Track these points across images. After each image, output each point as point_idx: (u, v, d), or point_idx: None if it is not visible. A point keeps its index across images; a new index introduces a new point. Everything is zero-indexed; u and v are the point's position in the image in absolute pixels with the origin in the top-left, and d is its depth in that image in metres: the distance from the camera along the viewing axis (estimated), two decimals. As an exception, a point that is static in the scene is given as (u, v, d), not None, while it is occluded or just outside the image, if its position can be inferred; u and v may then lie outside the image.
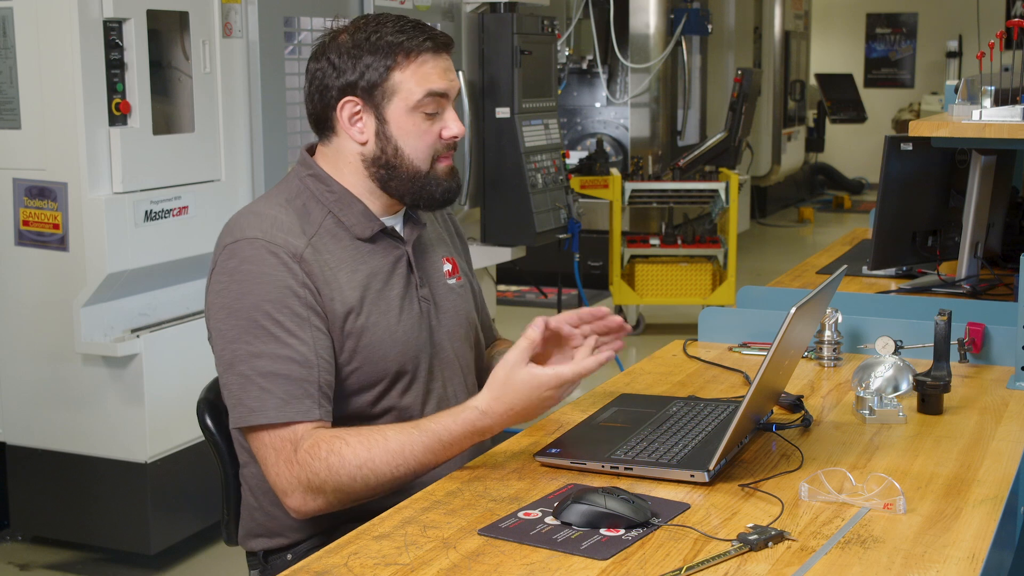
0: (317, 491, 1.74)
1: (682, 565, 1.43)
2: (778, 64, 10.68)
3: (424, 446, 1.74)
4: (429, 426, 1.75)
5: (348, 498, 1.75)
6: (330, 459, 1.72)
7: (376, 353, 1.86)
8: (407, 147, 1.88)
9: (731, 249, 6.40)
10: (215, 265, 1.83)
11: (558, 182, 4.90)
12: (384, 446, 1.73)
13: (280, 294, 1.77)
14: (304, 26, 4.02)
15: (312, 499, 1.75)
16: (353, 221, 1.90)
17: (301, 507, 1.76)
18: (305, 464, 1.73)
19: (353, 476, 1.72)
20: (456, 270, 2.05)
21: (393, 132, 1.87)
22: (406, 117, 1.86)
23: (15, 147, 3.38)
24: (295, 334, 1.76)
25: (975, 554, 1.46)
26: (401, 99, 1.86)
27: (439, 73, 1.87)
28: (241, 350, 1.76)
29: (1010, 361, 2.29)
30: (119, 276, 3.34)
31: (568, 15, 7.34)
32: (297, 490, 1.74)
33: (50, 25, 3.26)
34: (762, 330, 2.50)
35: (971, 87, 2.78)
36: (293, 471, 1.73)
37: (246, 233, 1.81)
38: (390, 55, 1.84)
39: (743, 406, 1.68)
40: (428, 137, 1.88)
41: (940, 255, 2.95)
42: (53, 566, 3.58)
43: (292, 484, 1.74)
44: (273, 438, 1.75)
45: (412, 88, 1.85)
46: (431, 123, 1.88)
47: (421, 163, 1.88)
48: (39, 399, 3.51)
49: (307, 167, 1.93)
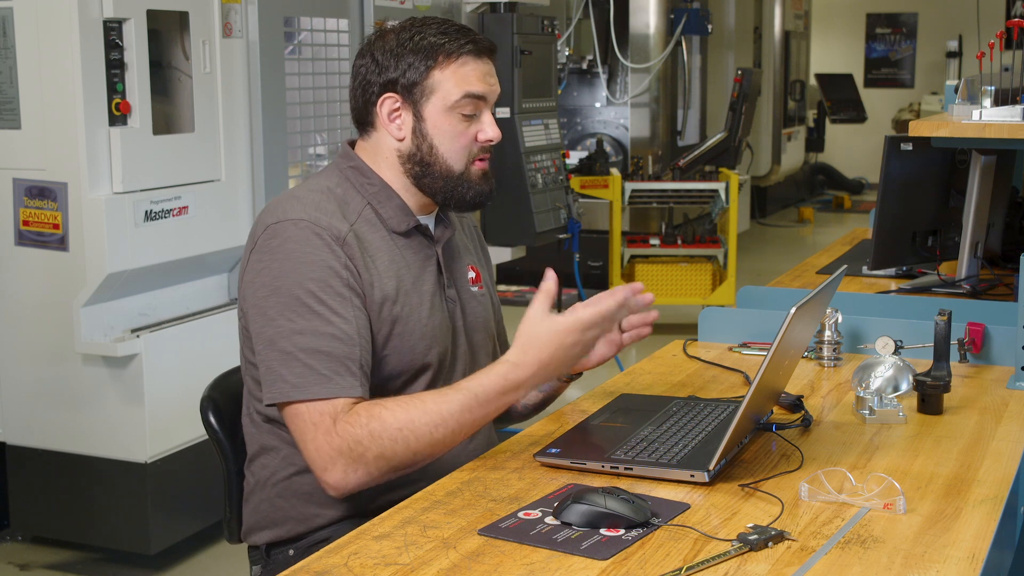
0: (359, 460, 1.73)
1: (682, 565, 1.43)
2: (778, 64, 10.68)
3: (461, 404, 1.75)
4: (464, 384, 1.78)
5: (389, 466, 1.75)
6: (371, 424, 1.73)
7: (407, 343, 1.89)
8: (442, 146, 1.91)
9: (731, 249, 6.40)
10: (255, 244, 1.84)
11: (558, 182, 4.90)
12: (422, 407, 1.75)
13: (323, 273, 1.79)
14: (304, 26, 4.02)
15: (353, 470, 1.74)
16: (390, 214, 1.93)
17: (342, 480, 1.75)
18: (345, 434, 1.73)
19: (395, 439, 1.73)
20: (479, 279, 2.08)
21: (429, 130, 1.90)
22: (443, 116, 1.90)
23: (15, 147, 3.38)
24: (337, 312, 1.78)
25: (975, 554, 1.46)
26: (439, 98, 1.89)
27: (478, 76, 1.90)
28: (284, 327, 1.77)
29: (1010, 361, 2.29)
30: (119, 276, 3.34)
31: (568, 15, 7.34)
32: (338, 462, 1.73)
33: (50, 25, 3.26)
34: (762, 330, 2.50)
35: (971, 87, 2.78)
36: (334, 443, 1.73)
37: (289, 215, 1.83)
38: (431, 55, 1.88)
39: (743, 406, 1.68)
40: (463, 138, 1.91)
41: (940, 255, 2.95)
42: (53, 566, 3.58)
43: (332, 456, 1.73)
44: (312, 412, 1.75)
45: (450, 88, 1.88)
46: (468, 125, 1.91)
47: (455, 163, 1.91)
48: (39, 399, 3.51)
49: (348, 159, 1.96)
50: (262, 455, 1.93)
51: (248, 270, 1.85)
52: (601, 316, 1.78)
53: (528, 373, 1.77)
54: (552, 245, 5.06)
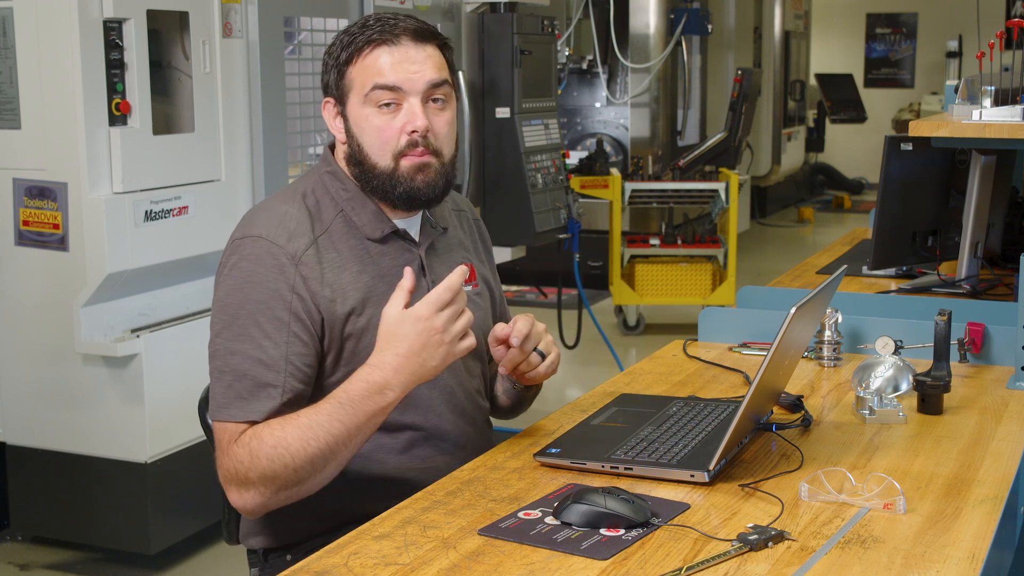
0: (245, 481, 1.70)
1: (682, 565, 1.43)
2: (778, 64, 10.68)
3: (328, 413, 1.69)
4: (332, 393, 1.72)
5: (275, 487, 1.70)
6: (251, 444, 1.70)
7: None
8: (365, 143, 1.86)
9: (731, 249, 6.40)
10: (223, 259, 1.85)
11: (558, 182, 4.90)
12: (295, 422, 1.70)
13: (267, 296, 1.77)
14: (304, 26, 4.02)
15: (245, 491, 1.71)
16: (364, 221, 1.89)
17: (239, 502, 1.73)
18: (233, 455, 1.71)
19: (271, 456, 1.68)
20: (473, 277, 2.03)
21: (353, 128, 1.87)
22: (360, 111, 1.85)
23: (15, 147, 3.38)
24: (270, 336, 1.76)
25: (975, 554, 1.46)
26: (355, 94, 1.85)
27: (391, 65, 1.82)
28: (221, 346, 1.78)
29: (1010, 361, 2.29)
30: (119, 276, 3.34)
31: (568, 15, 7.34)
32: (231, 484, 1.72)
33: (50, 25, 3.26)
34: (762, 330, 2.50)
35: (971, 87, 2.78)
36: (225, 464, 1.73)
37: (252, 231, 1.82)
38: (347, 51, 1.85)
39: (743, 406, 1.68)
40: (386, 132, 1.84)
41: (940, 255, 2.95)
42: (53, 566, 3.58)
43: (227, 478, 1.73)
44: (221, 432, 1.74)
45: (363, 82, 1.84)
46: (390, 117, 1.84)
47: (379, 159, 1.85)
48: (39, 399, 3.51)
49: (327, 164, 1.93)
50: None
51: (215, 279, 1.85)
52: (451, 291, 1.69)
53: (389, 371, 1.70)
54: (552, 245, 5.06)
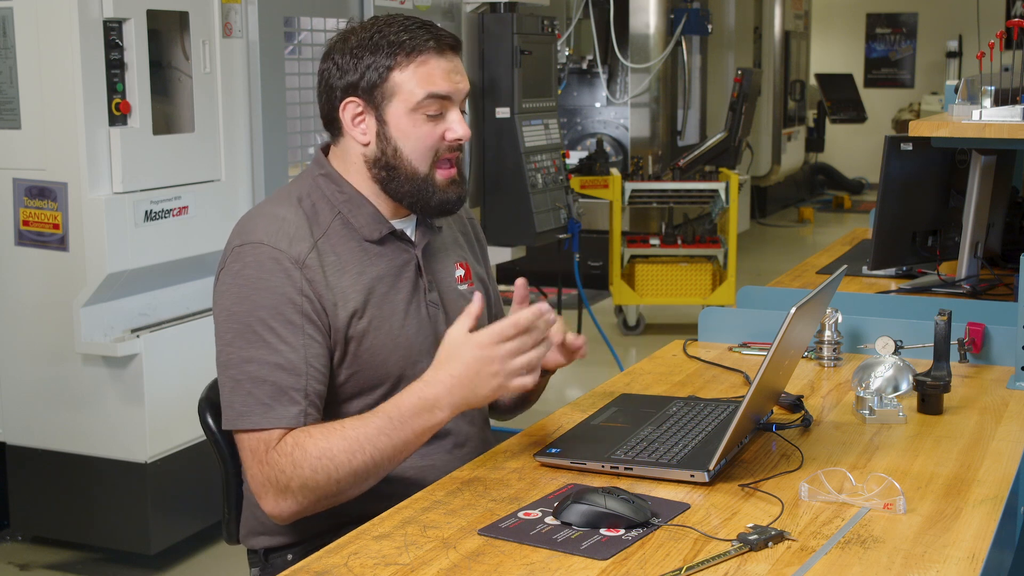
0: (285, 490, 1.71)
1: (682, 565, 1.43)
2: (778, 64, 10.68)
3: (377, 427, 1.71)
4: (381, 407, 1.74)
5: (315, 496, 1.72)
6: (295, 453, 1.71)
7: (377, 357, 1.85)
8: (406, 148, 1.85)
9: (731, 249, 6.40)
10: (223, 266, 1.83)
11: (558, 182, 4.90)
12: (341, 433, 1.71)
13: (276, 301, 1.77)
14: (304, 26, 4.02)
15: (283, 500, 1.72)
16: (362, 223, 1.88)
17: (274, 510, 1.74)
18: (273, 463, 1.71)
19: (315, 468, 1.70)
20: (468, 275, 2.03)
21: (393, 133, 1.85)
22: (406, 118, 1.84)
23: (15, 147, 3.38)
24: (286, 341, 1.75)
25: (975, 554, 1.46)
26: (401, 100, 1.83)
27: (442, 74, 1.83)
28: (235, 354, 1.76)
29: (1010, 361, 2.29)
30: (119, 276, 3.34)
31: (568, 15, 7.34)
32: (268, 492, 1.73)
33: (50, 25, 3.26)
34: (762, 330, 2.50)
35: (971, 87, 2.78)
36: (264, 472, 1.72)
37: (252, 237, 1.81)
38: (391, 55, 1.82)
39: (743, 406, 1.68)
40: (429, 139, 1.85)
41: (940, 255, 2.95)
42: (53, 566, 3.58)
43: (264, 486, 1.73)
44: (252, 441, 1.74)
45: (413, 89, 1.83)
46: (433, 125, 1.85)
47: (419, 164, 1.85)
48: (39, 399, 3.51)
49: (320, 166, 1.92)
50: None
51: (215, 290, 1.83)
52: (515, 327, 1.69)
53: (442, 390, 1.71)
54: (552, 245, 5.06)
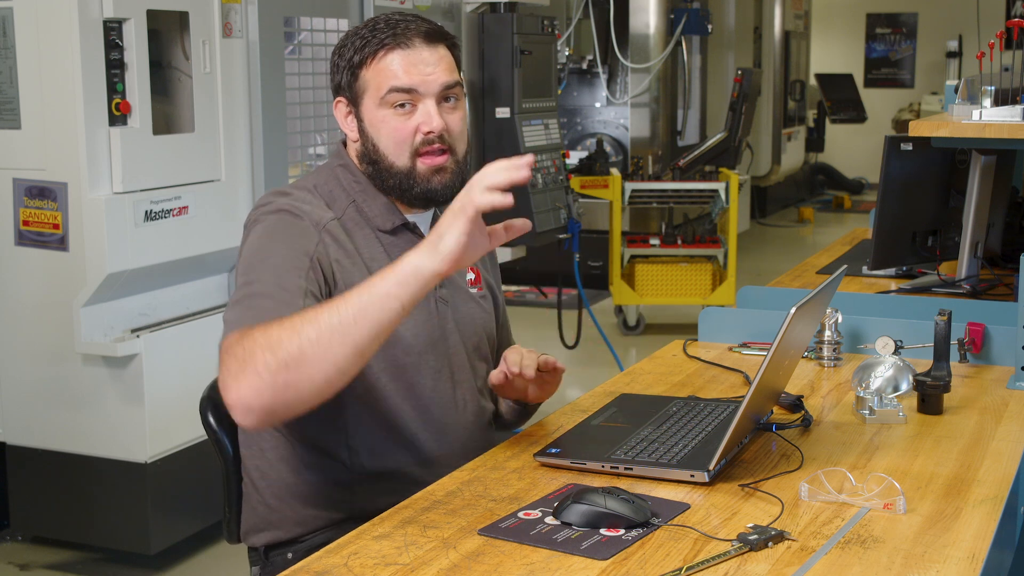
0: (242, 366, 1.54)
1: (682, 565, 1.43)
2: (778, 64, 10.68)
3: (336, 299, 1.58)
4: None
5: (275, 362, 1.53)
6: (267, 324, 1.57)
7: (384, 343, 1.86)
8: (381, 143, 1.89)
9: (731, 249, 6.40)
10: (248, 225, 1.86)
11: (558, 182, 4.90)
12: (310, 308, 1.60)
13: (293, 253, 1.78)
14: (304, 26, 4.02)
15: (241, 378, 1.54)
16: (375, 212, 1.92)
17: (234, 396, 1.55)
18: (240, 340, 1.57)
19: (282, 326, 1.55)
20: (479, 280, 2.06)
21: (368, 129, 1.90)
22: (376, 113, 1.89)
23: (15, 147, 3.38)
24: (290, 273, 1.75)
25: (975, 554, 1.46)
26: (369, 96, 1.89)
27: (405, 67, 1.86)
28: (242, 282, 1.76)
29: (1010, 361, 2.29)
30: (119, 276, 3.34)
31: (568, 15, 7.34)
32: (227, 381, 1.56)
33: (50, 25, 3.26)
34: (762, 330, 2.50)
35: (971, 87, 2.78)
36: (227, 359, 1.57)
37: (274, 206, 1.85)
38: (359, 52, 1.88)
39: (743, 406, 1.68)
40: (401, 133, 1.88)
41: (940, 255, 2.95)
42: (53, 566, 3.58)
43: (223, 379, 1.57)
44: (225, 343, 1.61)
45: (378, 84, 1.87)
46: (405, 118, 1.87)
47: (396, 159, 1.89)
48: (39, 399, 3.51)
49: (339, 158, 1.97)
50: (259, 457, 1.93)
51: (238, 259, 1.85)
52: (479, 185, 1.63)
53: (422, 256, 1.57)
54: (552, 245, 5.06)
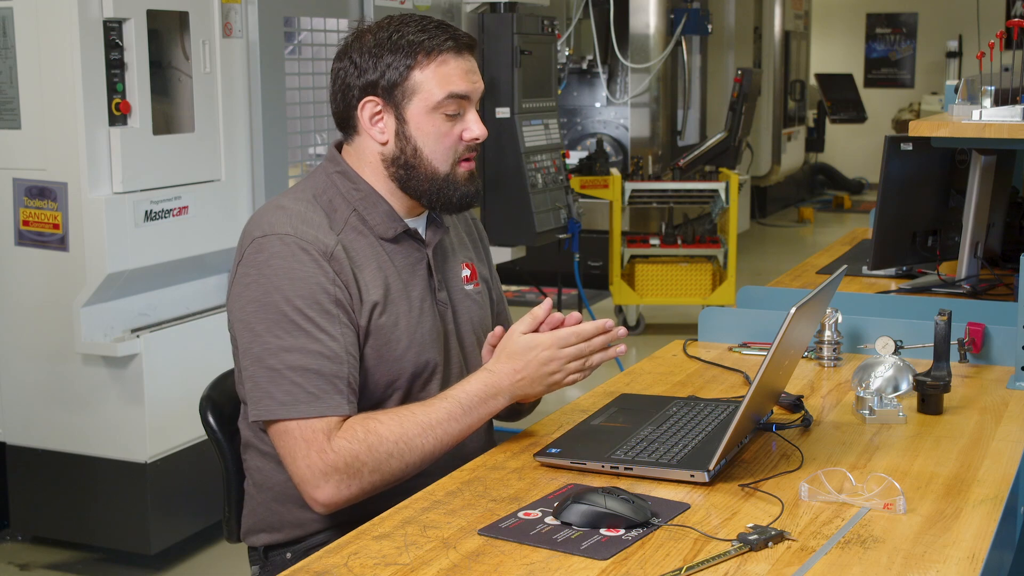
0: (355, 475, 1.74)
1: (682, 565, 1.43)
2: (778, 64, 10.68)
3: (447, 412, 1.79)
4: (448, 393, 1.82)
5: (382, 479, 1.77)
6: (369, 439, 1.74)
7: (395, 352, 1.87)
8: (426, 148, 1.87)
9: (731, 249, 6.40)
10: (242, 257, 1.82)
11: (558, 182, 4.90)
12: (413, 419, 1.78)
13: (311, 290, 1.78)
14: (304, 26, 4.02)
15: (347, 485, 1.75)
16: (377, 221, 1.90)
17: (333, 496, 1.75)
18: (342, 450, 1.74)
19: (391, 452, 1.75)
20: (474, 276, 2.05)
21: (412, 132, 1.87)
22: (426, 118, 1.86)
23: (15, 147, 3.38)
24: (325, 330, 1.77)
25: (975, 554, 1.46)
26: (421, 99, 1.85)
27: (460, 74, 1.86)
28: (271, 344, 1.76)
29: (1010, 361, 2.29)
30: (119, 276, 3.34)
31: (568, 15, 7.33)
32: (332, 478, 1.74)
33: (50, 25, 3.26)
34: (762, 330, 2.50)
35: (971, 87, 2.78)
36: (328, 459, 1.73)
37: (275, 228, 1.81)
38: (411, 54, 1.84)
39: (743, 406, 1.68)
40: (448, 139, 1.87)
41: (940, 255, 2.95)
42: (53, 566, 3.58)
43: (327, 473, 1.73)
44: (304, 430, 1.74)
45: (433, 89, 1.85)
46: (452, 124, 1.87)
47: (440, 164, 1.88)
48: (39, 399, 3.51)
49: (335, 163, 1.93)
50: (259, 459, 1.92)
51: (235, 283, 1.83)
52: (576, 336, 1.82)
53: (506, 381, 1.83)
54: (552, 245, 5.06)
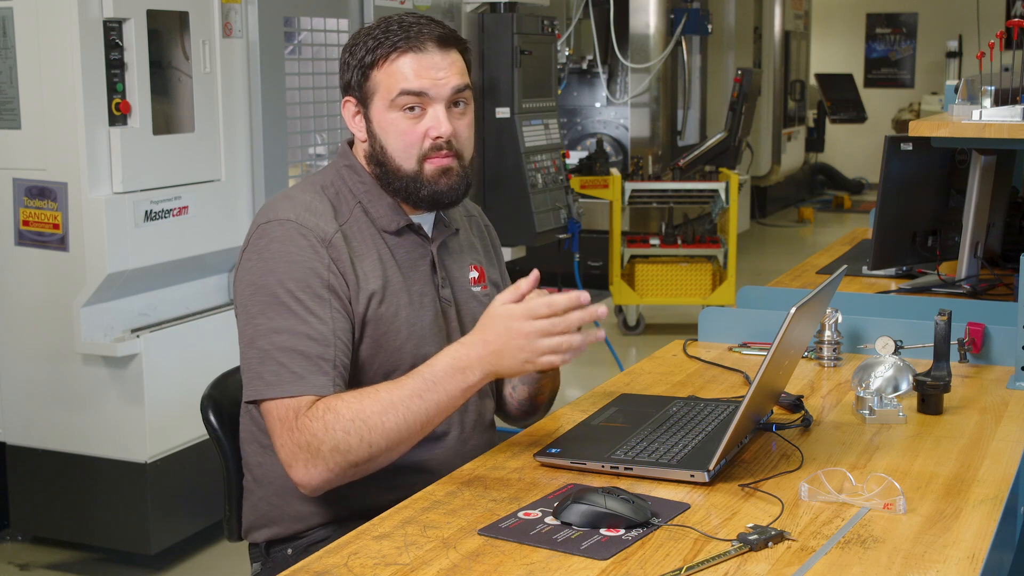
0: (316, 454, 1.72)
1: (682, 565, 1.43)
2: (778, 64, 10.68)
3: (410, 389, 1.74)
4: (417, 370, 1.76)
5: (346, 461, 1.73)
6: (326, 416, 1.73)
7: (394, 342, 1.88)
8: (389, 145, 1.90)
9: (731, 249, 6.40)
10: (247, 244, 1.87)
11: (558, 182, 4.90)
12: (374, 396, 1.74)
13: (303, 274, 1.80)
14: (304, 26, 4.02)
15: (313, 465, 1.73)
16: (380, 213, 1.93)
17: (304, 477, 1.74)
18: (304, 428, 1.73)
19: (347, 429, 1.72)
20: (483, 278, 2.06)
21: (377, 130, 1.90)
22: (386, 115, 1.89)
23: (15, 147, 3.38)
24: (314, 312, 1.79)
25: (975, 554, 1.46)
26: (380, 98, 1.89)
27: (417, 70, 1.86)
28: (262, 325, 1.79)
29: (1010, 361, 2.29)
30: (119, 276, 3.34)
31: (568, 15, 7.33)
32: (299, 458, 1.74)
33: (50, 25, 3.26)
34: (762, 330, 2.50)
35: (971, 87, 2.78)
36: (295, 438, 1.74)
37: (278, 215, 1.85)
38: (371, 52, 1.88)
39: (743, 406, 1.68)
40: (410, 136, 1.88)
41: (940, 255, 2.95)
42: (53, 566, 3.58)
43: (294, 452, 1.74)
44: (280, 409, 1.76)
45: (390, 86, 1.87)
46: (415, 121, 1.88)
47: (404, 162, 1.89)
48: (39, 399, 3.51)
49: (345, 158, 1.97)
50: (260, 454, 1.93)
51: (239, 268, 1.87)
52: (548, 307, 1.71)
53: (475, 353, 1.73)
54: (552, 245, 5.06)
